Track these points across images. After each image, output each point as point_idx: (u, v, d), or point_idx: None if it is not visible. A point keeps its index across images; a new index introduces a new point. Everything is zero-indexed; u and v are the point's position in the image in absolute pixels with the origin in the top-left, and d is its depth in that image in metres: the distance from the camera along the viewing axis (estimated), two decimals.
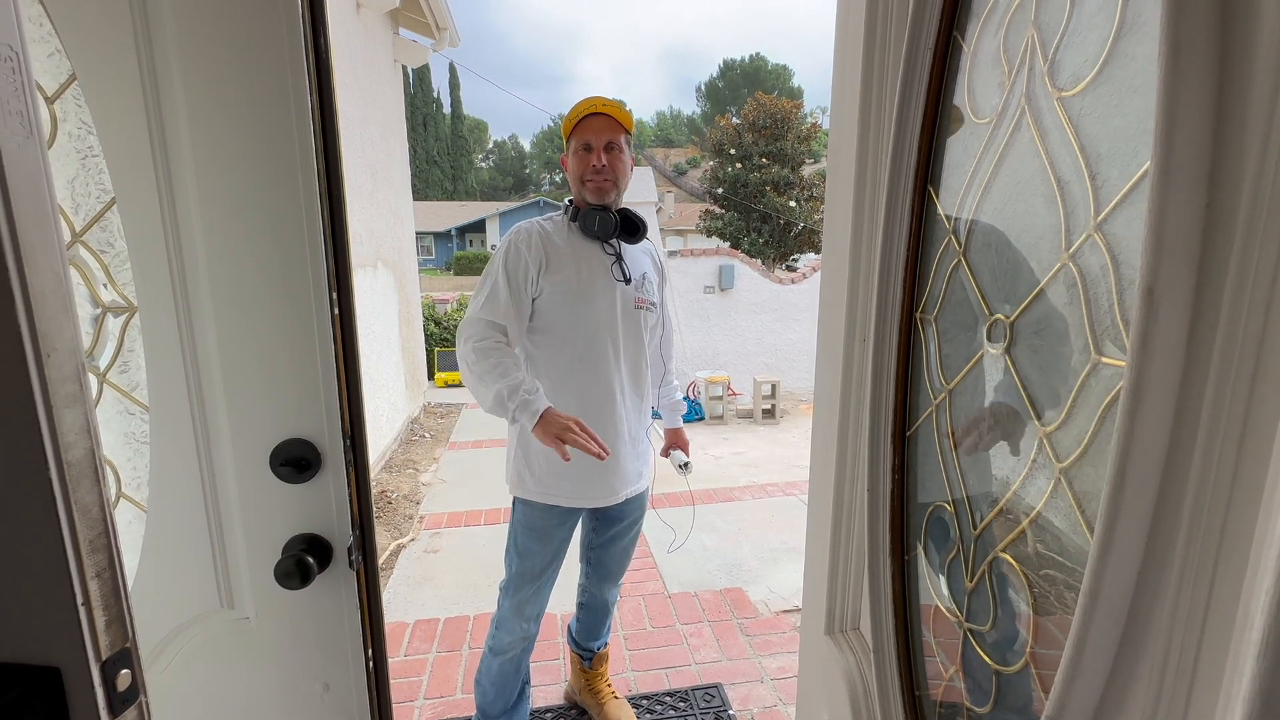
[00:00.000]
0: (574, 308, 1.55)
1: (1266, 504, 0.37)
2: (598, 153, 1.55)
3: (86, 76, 0.78)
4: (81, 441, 0.43)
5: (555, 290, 1.54)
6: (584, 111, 1.55)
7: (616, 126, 1.56)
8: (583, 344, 1.56)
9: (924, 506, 0.86)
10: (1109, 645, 0.50)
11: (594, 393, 1.59)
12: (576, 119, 1.56)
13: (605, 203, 1.58)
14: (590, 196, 1.58)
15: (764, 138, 15.70)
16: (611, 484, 1.64)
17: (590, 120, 1.55)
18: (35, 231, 0.40)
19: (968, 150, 0.74)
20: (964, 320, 0.75)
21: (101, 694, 0.45)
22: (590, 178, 1.56)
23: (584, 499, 1.64)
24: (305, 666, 0.94)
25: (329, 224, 0.84)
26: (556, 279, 1.53)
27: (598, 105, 1.55)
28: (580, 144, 1.56)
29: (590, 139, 1.55)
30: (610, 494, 1.66)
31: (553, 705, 2.11)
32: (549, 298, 1.54)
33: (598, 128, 1.54)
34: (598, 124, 1.54)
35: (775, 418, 6.46)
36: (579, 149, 1.57)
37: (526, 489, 1.62)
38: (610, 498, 1.66)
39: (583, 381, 1.58)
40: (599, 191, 1.56)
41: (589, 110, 1.55)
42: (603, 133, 1.54)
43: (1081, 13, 0.57)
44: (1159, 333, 0.43)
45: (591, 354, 1.57)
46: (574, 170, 1.59)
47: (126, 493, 0.90)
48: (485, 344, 1.46)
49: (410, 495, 4.06)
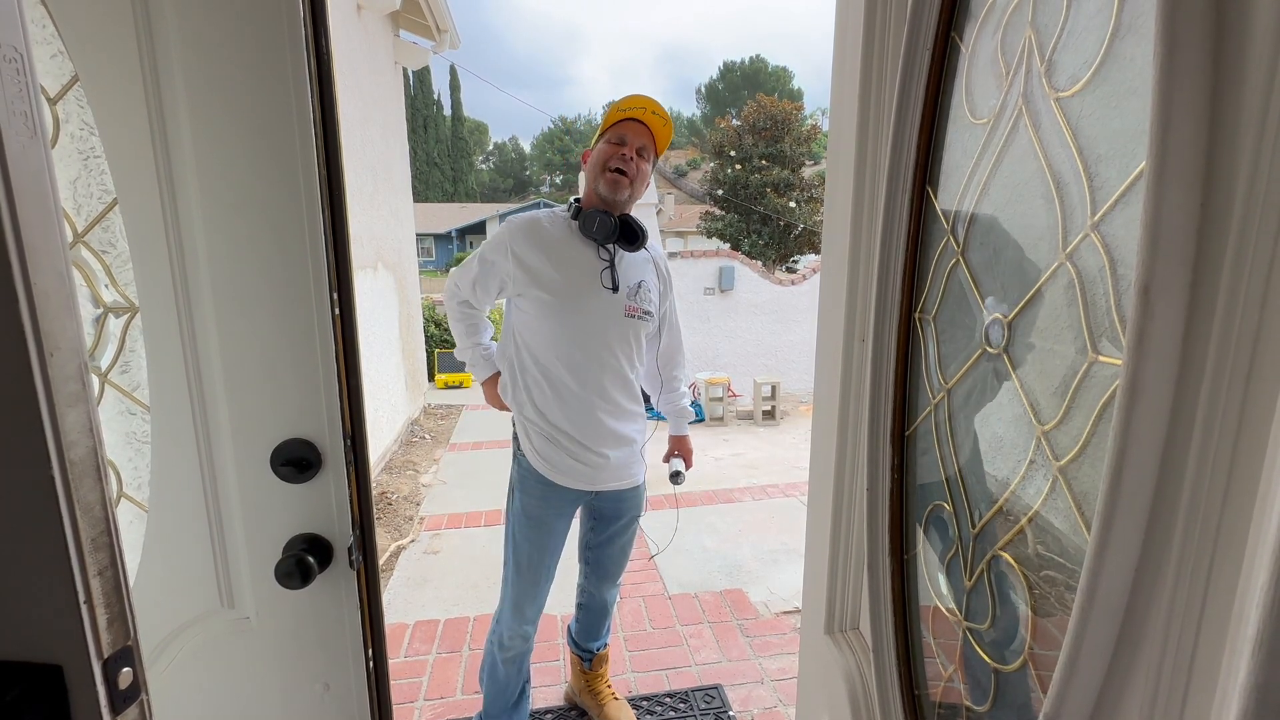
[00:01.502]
0: (558, 309, 1.55)
1: (1261, 501, 0.38)
2: (630, 148, 1.57)
3: (89, 78, 0.78)
4: (84, 440, 0.43)
5: (539, 289, 1.54)
6: (635, 112, 1.56)
7: (653, 139, 1.59)
8: (563, 346, 1.57)
9: (923, 506, 0.86)
10: (1106, 642, 0.50)
11: (575, 393, 1.60)
12: (624, 115, 1.57)
13: (618, 198, 1.58)
14: (604, 187, 1.57)
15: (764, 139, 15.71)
16: (591, 472, 1.64)
17: (632, 124, 1.57)
18: (39, 231, 0.40)
19: (966, 151, 0.75)
20: (962, 320, 0.75)
21: (103, 692, 0.45)
22: (615, 165, 1.56)
23: (565, 477, 1.63)
24: (305, 666, 0.94)
25: (330, 225, 0.84)
26: (541, 279, 1.54)
27: (648, 113, 1.57)
28: (617, 136, 1.57)
29: (628, 135, 1.57)
30: (589, 480, 1.65)
31: (553, 706, 2.11)
32: (534, 297, 1.55)
33: (638, 131, 1.58)
34: (639, 129, 1.57)
35: (775, 419, 6.46)
36: (613, 139, 1.57)
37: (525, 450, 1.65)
38: (590, 483, 1.66)
39: (565, 380, 1.59)
40: (615, 185, 1.57)
41: (639, 114, 1.56)
42: (641, 136, 1.58)
43: (1078, 14, 0.57)
44: (1155, 331, 0.44)
45: (574, 356, 1.58)
46: (599, 158, 1.59)
47: (127, 493, 0.90)
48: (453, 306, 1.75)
49: (410, 496, 4.06)
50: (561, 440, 1.60)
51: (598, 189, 1.59)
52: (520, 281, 1.56)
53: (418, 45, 6.02)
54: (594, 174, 1.60)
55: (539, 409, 1.61)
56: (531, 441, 1.63)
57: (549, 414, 1.60)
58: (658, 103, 1.57)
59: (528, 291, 1.56)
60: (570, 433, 1.61)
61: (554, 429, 1.60)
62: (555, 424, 1.60)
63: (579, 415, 1.60)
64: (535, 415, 1.61)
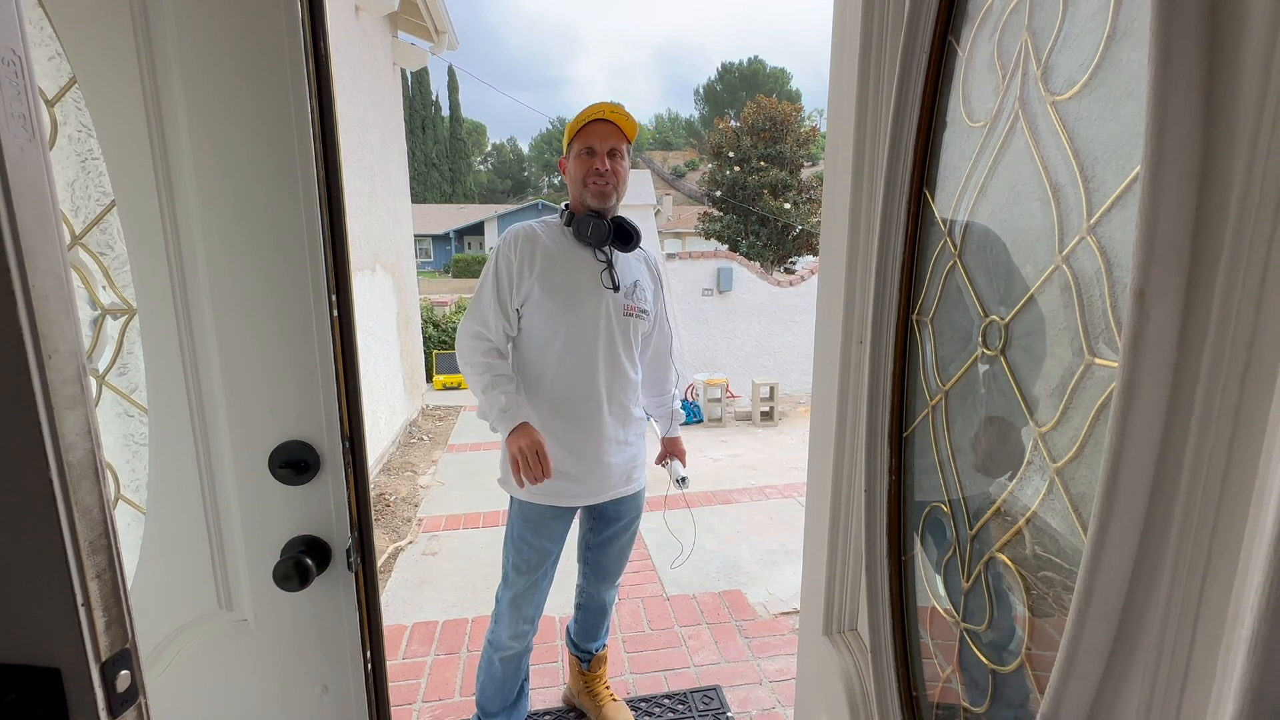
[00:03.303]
0: (560, 312, 1.57)
1: (1256, 503, 0.38)
2: (601, 157, 1.57)
3: (87, 79, 0.78)
4: (82, 443, 0.43)
5: (543, 293, 1.55)
6: (590, 116, 1.57)
7: (620, 134, 1.58)
8: (568, 348, 1.58)
9: (921, 507, 0.86)
10: (1103, 643, 0.50)
11: (576, 396, 1.60)
12: (582, 123, 1.57)
13: (605, 206, 1.60)
14: (592, 199, 1.59)
15: (762, 141, 15.73)
16: (594, 485, 1.66)
17: (595, 125, 1.57)
18: (37, 234, 0.40)
19: (963, 153, 0.75)
20: (960, 322, 0.76)
21: (101, 695, 0.45)
22: (593, 180, 1.57)
23: (572, 498, 1.65)
24: (304, 668, 0.94)
25: (328, 227, 0.84)
26: (545, 282, 1.55)
27: (604, 111, 1.57)
28: (583, 148, 1.58)
29: (595, 143, 1.57)
30: (596, 493, 1.68)
31: (551, 708, 2.11)
32: (536, 300, 1.56)
33: (603, 133, 1.57)
34: (603, 129, 1.57)
35: (773, 420, 6.46)
36: (582, 152, 1.58)
37: (512, 488, 1.64)
38: (597, 496, 1.68)
39: (565, 384, 1.60)
40: (601, 195, 1.58)
41: (595, 115, 1.56)
42: (608, 139, 1.57)
43: (1075, 18, 0.57)
44: (1150, 334, 0.44)
45: (576, 358, 1.59)
46: (575, 173, 1.60)
47: (125, 495, 0.90)
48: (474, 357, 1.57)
49: (408, 498, 4.05)
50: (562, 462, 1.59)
51: (585, 200, 1.60)
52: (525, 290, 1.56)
53: (416, 46, 6.02)
54: (577, 188, 1.61)
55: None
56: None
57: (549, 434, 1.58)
58: (609, 103, 1.59)
59: (532, 297, 1.56)
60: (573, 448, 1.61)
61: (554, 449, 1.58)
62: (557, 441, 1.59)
63: (586, 422, 1.61)
64: None
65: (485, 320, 1.57)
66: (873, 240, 0.89)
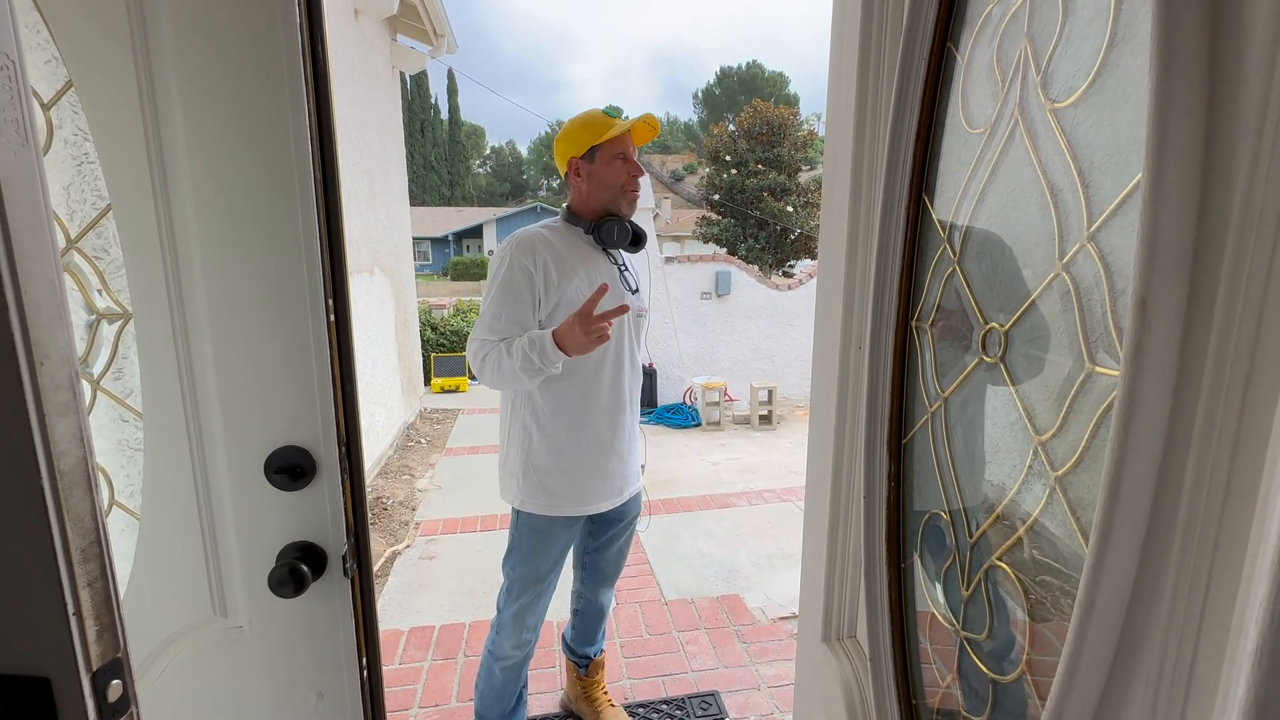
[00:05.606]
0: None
1: (1260, 513, 0.37)
2: (635, 164, 1.57)
3: (83, 83, 0.78)
4: (74, 450, 0.43)
5: (571, 301, 1.50)
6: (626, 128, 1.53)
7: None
8: (602, 353, 1.56)
9: (920, 514, 0.86)
10: (1105, 654, 0.50)
11: (608, 402, 1.60)
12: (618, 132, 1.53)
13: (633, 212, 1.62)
14: (627, 206, 1.58)
15: (760, 144, 15.75)
16: (617, 485, 1.67)
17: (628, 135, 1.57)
18: (30, 239, 0.40)
19: (962, 159, 0.75)
20: (959, 328, 0.75)
21: (92, 705, 0.44)
22: (633, 188, 1.57)
23: (590, 505, 1.64)
24: (299, 675, 0.93)
25: (325, 230, 0.84)
26: (569, 290, 1.51)
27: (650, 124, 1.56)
28: (617, 154, 1.55)
29: (628, 150, 1.56)
30: (617, 495, 1.68)
31: (549, 714, 2.10)
32: (569, 308, 1.49)
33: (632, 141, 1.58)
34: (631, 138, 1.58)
35: (772, 424, 6.46)
36: (614, 157, 1.55)
37: (530, 504, 1.60)
38: (617, 498, 1.68)
39: (597, 391, 1.58)
40: (634, 202, 1.59)
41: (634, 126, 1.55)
42: (635, 145, 1.59)
43: (1074, 24, 0.57)
44: (1152, 343, 0.43)
45: (606, 364, 1.58)
46: (608, 179, 1.56)
47: (119, 500, 0.89)
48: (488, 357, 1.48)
49: (406, 501, 4.04)
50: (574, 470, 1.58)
51: (618, 208, 1.58)
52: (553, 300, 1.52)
53: (415, 50, 6.02)
54: (609, 193, 1.56)
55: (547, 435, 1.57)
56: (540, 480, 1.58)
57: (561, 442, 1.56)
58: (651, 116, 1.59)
59: (561, 307, 1.51)
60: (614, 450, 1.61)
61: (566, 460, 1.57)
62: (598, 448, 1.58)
63: (618, 424, 1.61)
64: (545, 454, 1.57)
65: (499, 333, 1.50)
66: (872, 246, 0.89)
